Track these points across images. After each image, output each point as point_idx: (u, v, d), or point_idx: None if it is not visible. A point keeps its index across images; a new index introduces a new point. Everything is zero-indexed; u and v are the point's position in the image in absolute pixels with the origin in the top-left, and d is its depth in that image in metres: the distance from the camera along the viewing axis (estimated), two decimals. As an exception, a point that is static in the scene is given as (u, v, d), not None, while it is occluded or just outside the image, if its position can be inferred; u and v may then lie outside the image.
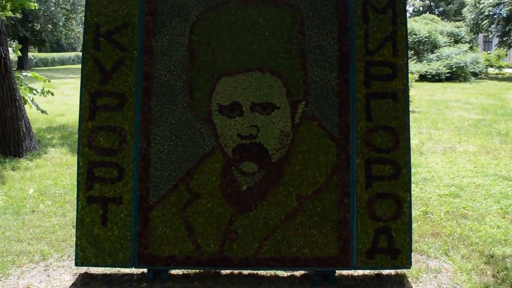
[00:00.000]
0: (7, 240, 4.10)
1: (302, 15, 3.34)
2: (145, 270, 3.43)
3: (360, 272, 3.48)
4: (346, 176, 3.31)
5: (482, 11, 29.79)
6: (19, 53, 8.63)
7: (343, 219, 3.30)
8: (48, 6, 33.18)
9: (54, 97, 10.27)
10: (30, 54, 35.43)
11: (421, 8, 44.92)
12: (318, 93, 3.32)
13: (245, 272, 3.48)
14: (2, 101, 6.95)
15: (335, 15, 3.36)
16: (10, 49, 7.65)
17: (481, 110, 12.14)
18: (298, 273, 3.49)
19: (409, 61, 3.12)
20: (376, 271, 3.50)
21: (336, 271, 3.38)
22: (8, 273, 3.52)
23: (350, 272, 3.48)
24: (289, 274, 3.49)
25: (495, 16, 30.12)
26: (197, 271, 3.48)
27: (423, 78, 21.14)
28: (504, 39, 29.98)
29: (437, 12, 44.07)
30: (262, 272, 3.47)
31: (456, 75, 22.16)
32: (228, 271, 3.48)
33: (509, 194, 5.37)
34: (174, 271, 3.50)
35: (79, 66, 2.99)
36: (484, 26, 30.48)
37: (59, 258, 3.74)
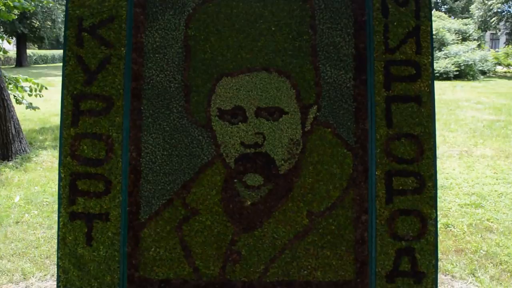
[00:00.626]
0: (-14, 257, 3.74)
1: (313, 8, 3.02)
2: (136, 294, 3.05)
3: (378, 297, 3.11)
4: (364, 190, 2.99)
5: (491, 8, 29.65)
6: (7, 52, 8.32)
7: (360, 238, 2.98)
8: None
9: (51, 95, 9.98)
10: (29, 51, 35.37)
11: (427, 6, 44.42)
12: (332, 96, 3.00)
13: (249, 296, 3.11)
14: (-12, 101, 6.61)
15: (350, 8, 3.03)
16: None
17: (494, 110, 11.80)
18: (308, 298, 3.11)
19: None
20: (397, 296, 3.11)
21: (352, 296, 3.01)
22: (-17, 296, 3.18)
23: (367, 297, 3.10)
24: (298, 299, 3.10)
25: (504, 13, 29.88)
26: (195, 295, 3.10)
27: (431, 76, 20.78)
28: (513, 36, 29.77)
29: (443, 9, 43.77)
30: (267, 297, 3.10)
31: (464, 73, 21.90)
32: (229, 296, 3.11)
33: (536, 204, 4.96)
34: (168, 296, 3.12)
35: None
36: (493, 23, 30.26)
37: (42, 278, 3.41)
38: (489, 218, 4.58)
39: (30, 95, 7.94)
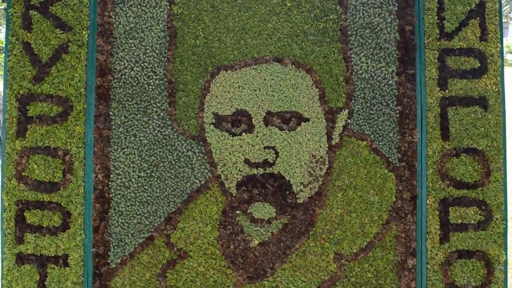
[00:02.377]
0: None
1: (343, -23, 2.67)
2: None
3: None
4: (411, 225, 2.64)
5: (503, -4, 30.88)
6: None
7: (406, 289, 2.67)
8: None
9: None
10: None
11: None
12: (368, 97, 2.61)
13: None
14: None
15: (393, -23, 2.69)
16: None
17: (516, 102, 11.49)
18: None
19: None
20: None
21: None
22: None
23: None
24: None
25: (516, 2, 31.44)
26: None
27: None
28: (524, 25, 31.31)
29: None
30: None
31: (477, 61, 22.83)
32: None
33: None
34: None
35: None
36: (505, 12, 31.65)
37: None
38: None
39: None
